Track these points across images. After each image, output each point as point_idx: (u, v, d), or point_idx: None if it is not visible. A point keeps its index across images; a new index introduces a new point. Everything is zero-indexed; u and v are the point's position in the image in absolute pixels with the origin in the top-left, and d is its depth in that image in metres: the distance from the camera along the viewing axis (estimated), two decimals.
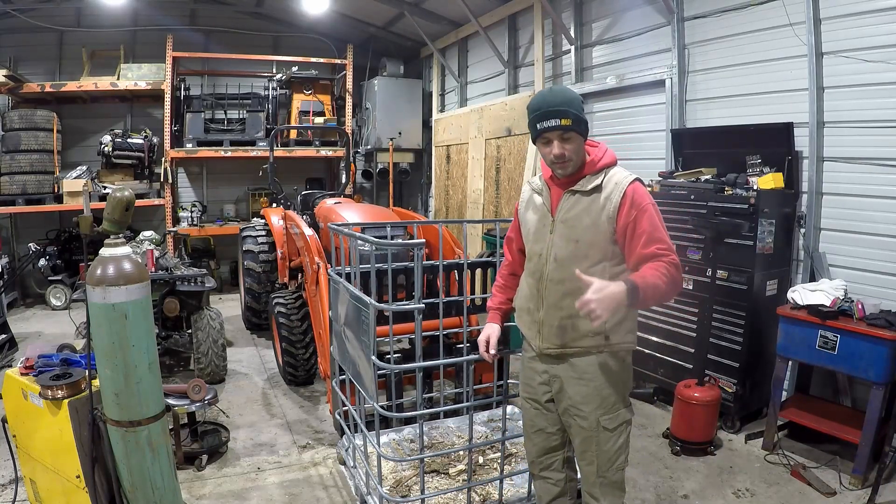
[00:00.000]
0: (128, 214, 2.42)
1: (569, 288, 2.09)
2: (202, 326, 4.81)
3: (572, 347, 2.15)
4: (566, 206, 2.14)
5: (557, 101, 2.03)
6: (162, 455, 2.45)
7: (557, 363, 2.20)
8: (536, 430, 2.36)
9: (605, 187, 2.09)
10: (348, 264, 2.92)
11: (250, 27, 9.17)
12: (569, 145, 2.05)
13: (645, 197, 2.06)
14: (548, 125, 2.03)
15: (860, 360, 3.29)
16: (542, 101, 2.06)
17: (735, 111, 4.49)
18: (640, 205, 2.03)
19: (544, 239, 2.18)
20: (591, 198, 2.09)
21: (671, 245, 2.03)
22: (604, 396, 2.14)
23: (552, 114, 2.02)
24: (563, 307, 2.12)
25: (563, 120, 2.01)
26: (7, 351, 5.41)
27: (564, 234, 2.12)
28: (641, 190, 2.08)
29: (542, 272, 2.17)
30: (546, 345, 2.19)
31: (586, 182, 2.11)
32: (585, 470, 2.22)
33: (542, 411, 2.32)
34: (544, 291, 2.17)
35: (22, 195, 7.44)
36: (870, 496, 3.17)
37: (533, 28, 6.40)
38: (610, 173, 2.11)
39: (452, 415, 3.51)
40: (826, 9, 3.84)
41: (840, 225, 3.91)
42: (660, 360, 4.48)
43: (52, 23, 8.09)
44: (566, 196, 2.14)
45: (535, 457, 2.41)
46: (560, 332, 2.14)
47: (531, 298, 2.23)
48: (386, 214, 5.07)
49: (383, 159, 8.94)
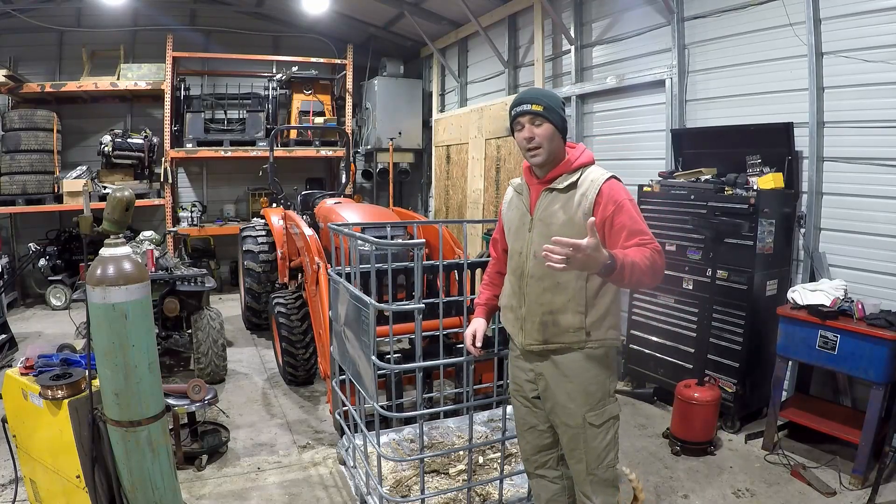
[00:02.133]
0: (128, 214, 2.42)
1: (548, 284, 2.15)
2: (202, 326, 4.81)
3: (554, 343, 2.18)
4: (543, 204, 2.19)
5: (534, 92, 2.21)
6: (162, 455, 2.44)
7: (541, 360, 2.24)
8: (528, 428, 2.39)
9: (581, 185, 2.14)
10: (348, 264, 2.92)
11: (250, 27, 9.17)
12: (539, 130, 2.12)
13: (620, 192, 2.10)
14: (520, 109, 2.15)
15: (860, 360, 3.29)
16: (522, 93, 2.24)
17: (735, 111, 4.49)
18: (615, 200, 2.08)
19: (524, 237, 2.24)
20: (567, 195, 2.15)
21: (652, 235, 2.07)
22: (589, 393, 2.17)
23: (526, 100, 2.15)
24: (544, 303, 2.17)
25: (534, 105, 2.12)
26: (7, 351, 5.42)
27: (542, 231, 2.16)
28: (617, 186, 2.13)
29: (523, 269, 2.22)
30: (528, 341, 2.23)
31: (563, 180, 2.17)
32: (575, 469, 2.24)
33: (531, 409, 2.36)
34: (525, 288, 2.22)
35: (22, 195, 7.44)
36: (870, 496, 3.17)
37: (533, 28, 6.39)
38: (586, 172, 2.17)
39: (452, 415, 3.51)
40: (826, 9, 3.84)
41: (840, 225, 3.91)
42: (660, 360, 4.48)
43: (52, 23, 8.09)
44: (544, 194, 2.20)
45: (530, 454, 2.43)
46: (542, 327, 2.18)
47: (513, 296, 2.29)
48: (386, 214, 5.07)
49: (383, 159, 8.94)
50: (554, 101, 2.16)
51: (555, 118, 2.14)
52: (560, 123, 2.16)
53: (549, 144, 2.15)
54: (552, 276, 2.09)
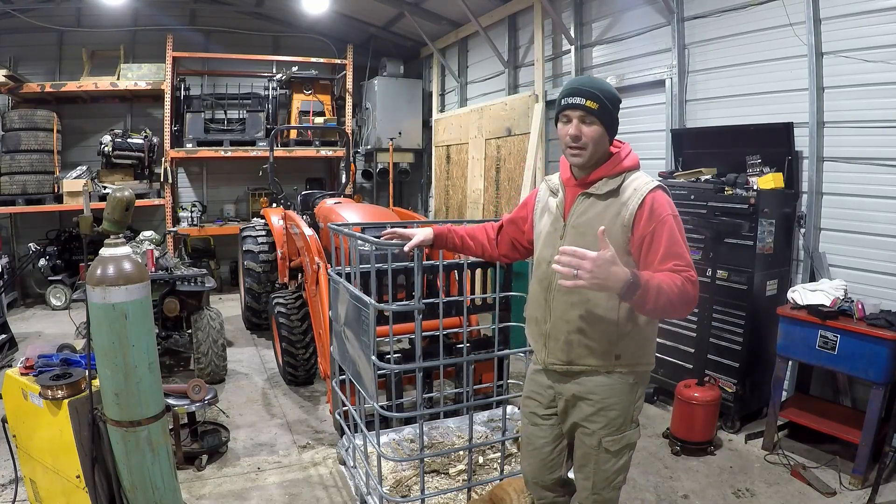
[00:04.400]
0: (128, 214, 2.42)
1: (577, 300, 1.96)
2: (202, 326, 4.81)
3: (578, 365, 1.99)
4: (579, 210, 1.98)
5: (590, 84, 1.91)
6: (162, 455, 2.44)
7: (564, 381, 2.06)
8: (533, 449, 2.24)
9: (623, 192, 1.92)
10: (348, 264, 2.92)
11: (250, 27, 9.17)
12: (588, 130, 1.89)
13: (665, 207, 1.87)
14: (572, 101, 1.89)
15: (860, 360, 3.29)
16: (576, 80, 1.96)
17: (735, 111, 4.49)
18: (659, 216, 1.85)
19: (554, 244, 2.01)
20: (607, 202, 1.93)
21: (690, 262, 1.85)
22: (610, 418, 1.99)
23: (579, 92, 1.89)
24: (570, 320, 1.98)
25: (589, 101, 1.87)
26: (7, 351, 5.41)
27: (575, 240, 1.92)
28: (662, 199, 1.89)
29: (551, 280, 2.01)
30: (551, 360, 2.05)
31: (603, 185, 1.94)
32: (581, 483, 2.12)
33: (541, 426, 2.19)
34: (552, 301, 2.02)
35: (22, 195, 7.43)
36: (870, 496, 3.17)
37: (533, 28, 6.39)
38: (630, 178, 1.94)
39: (452, 415, 3.51)
40: (826, 9, 3.83)
41: (840, 225, 3.91)
42: (660, 360, 4.47)
43: (52, 23, 8.08)
44: (580, 199, 1.98)
45: (531, 477, 2.29)
46: (566, 347, 2.00)
47: (539, 308, 2.09)
48: (386, 214, 5.07)
49: (383, 159, 8.93)
50: (611, 97, 1.90)
51: (608, 119, 1.91)
52: (612, 125, 1.93)
53: (594, 147, 1.91)
54: (581, 291, 1.86)
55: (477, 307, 3.36)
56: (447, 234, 2.40)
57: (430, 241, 2.38)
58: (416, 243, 2.32)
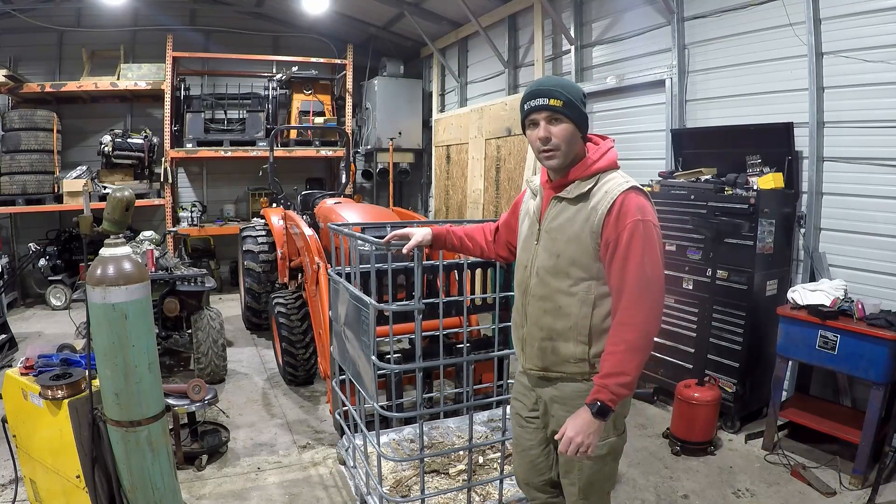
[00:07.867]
0: (128, 214, 2.42)
1: (550, 307, 1.91)
2: (202, 326, 4.81)
3: (554, 372, 1.96)
4: (552, 214, 1.92)
5: (551, 83, 1.84)
6: (162, 455, 2.44)
7: (542, 385, 2.03)
8: (522, 450, 2.21)
9: (595, 195, 1.83)
10: (348, 264, 2.92)
11: (250, 27, 9.17)
12: (557, 129, 1.81)
13: (632, 212, 1.77)
14: (536, 104, 1.82)
15: (860, 360, 3.29)
16: (536, 82, 1.89)
17: (735, 111, 4.49)
18: (623, 221, 1.76)
19: (530, 248, 1.98)
20: (577, 207, 1.85)
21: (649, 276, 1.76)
22: None
23: (542, 93, 1.82)
24: (543, 327, 1.94)
25: (553, 100, 1.79)
26: (7, 351, 5.41)
27: (547, 245, 1.90)
28: (633, 202, 1.78)
29: (527, 285, 1.98)
30: (529, 365, 2.03)
31: (574, 188, 1.86)
32: (568, 489, 2.08)
33: (526, 428, 2.17)
34: (528, 307, 1.99)
35: (22, 195, 7.43)
36: (870, 496, 3.17)
37: (533, 28, 6.40)
38: (605, 179, 1.85)
39: (452, 415, 3.51)
40: (826, 9, 3.84)
41: (840, 225, 3.91)
42: (660, 360, 4.47)
43: (52, 23, 8.09)
44: (553, 202, 1.92)
45: (522, 478, 2.27)
46: (541, 353, 1.97)
47: (517, 312, 2.08)
48: (386, 214, 5.07)
49: (383, 159, 8.94)
50: (575, 93, 1.83)
51: (576, 114, 1.82)
52: (581, 120, 1.84)
53: (567, 146, 1.83)
54: (554, 297, 1.87)
55: (477, 307, 3.37)
56: (446, 235, 2.38)
57: (428, 242, 2.36)
58: (415, 243, 2.30)
